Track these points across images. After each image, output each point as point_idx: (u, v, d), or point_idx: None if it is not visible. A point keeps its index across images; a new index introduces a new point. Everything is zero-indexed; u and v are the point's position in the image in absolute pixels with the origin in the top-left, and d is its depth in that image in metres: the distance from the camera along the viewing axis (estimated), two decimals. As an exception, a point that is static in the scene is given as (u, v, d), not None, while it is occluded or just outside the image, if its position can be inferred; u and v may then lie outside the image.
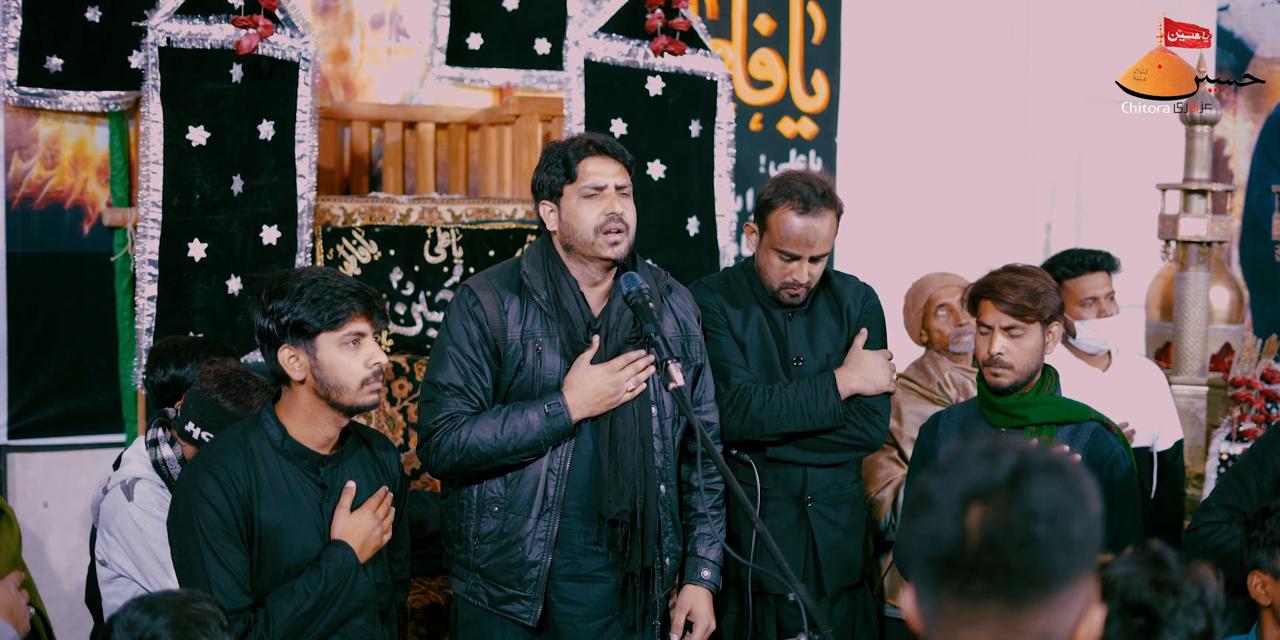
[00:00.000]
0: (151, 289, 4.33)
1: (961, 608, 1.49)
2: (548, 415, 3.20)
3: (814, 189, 3.53)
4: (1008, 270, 3.48)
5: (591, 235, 3.27)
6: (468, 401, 3.25)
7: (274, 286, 2.87)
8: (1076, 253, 4.50)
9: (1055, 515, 1.47)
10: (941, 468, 1.53)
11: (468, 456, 3.21)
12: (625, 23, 4.82)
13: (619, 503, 3.24)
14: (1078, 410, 3.48)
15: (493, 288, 3.32)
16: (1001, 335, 3.41)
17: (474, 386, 3.26)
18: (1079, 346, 4.43)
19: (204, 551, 2.79)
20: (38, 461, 4.85)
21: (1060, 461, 1.51)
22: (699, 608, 3.41)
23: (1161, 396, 4.55)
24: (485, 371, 3.28)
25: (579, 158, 3.30)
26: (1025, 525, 1.46)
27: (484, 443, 3.20)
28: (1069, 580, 1.49)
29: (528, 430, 3.20)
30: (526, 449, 3.22)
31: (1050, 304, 3.42)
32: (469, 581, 3.33)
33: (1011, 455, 1.50)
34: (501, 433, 3.19)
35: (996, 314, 3.41)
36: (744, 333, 3.66)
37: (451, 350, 3.27)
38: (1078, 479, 1.51)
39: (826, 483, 3.66)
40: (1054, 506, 1.48)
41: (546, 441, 3.23)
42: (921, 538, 1.51)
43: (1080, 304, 4.39)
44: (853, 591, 3.76)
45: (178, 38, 4.26)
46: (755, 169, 6.11)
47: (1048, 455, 1.51)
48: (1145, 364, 4.66)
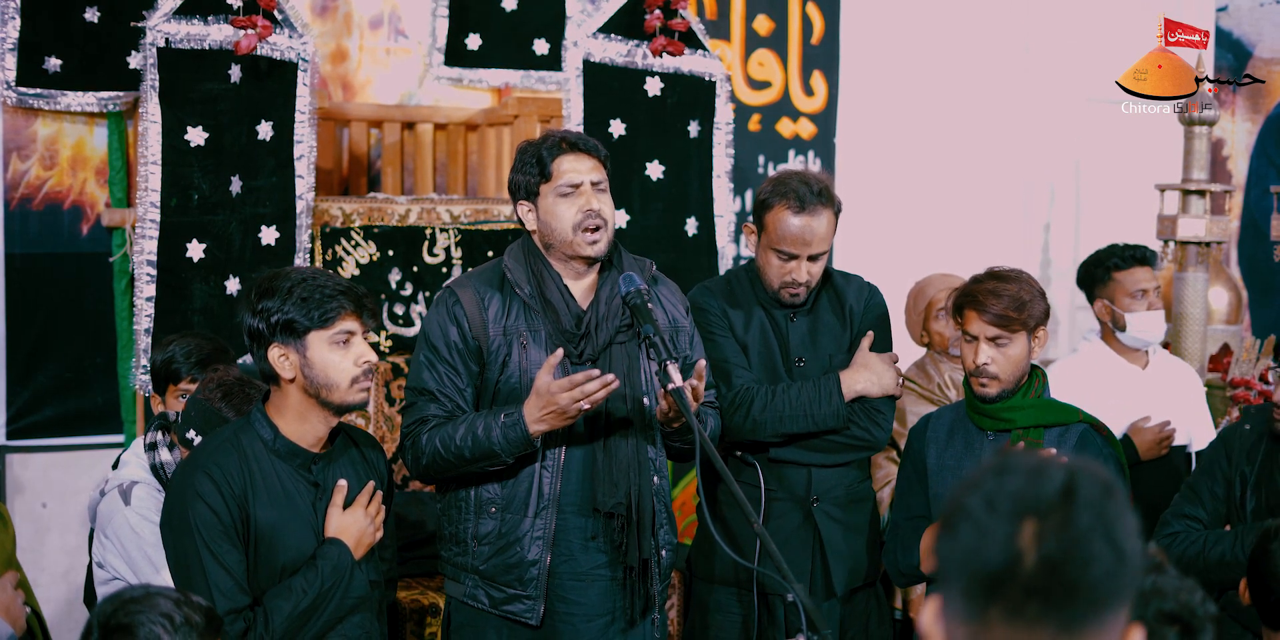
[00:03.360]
0: (150, 289, 4.33)
1: (1014, 630, 1.40)
2: (504, 425, 3.13)
3: (810, 188, 3.53)
4: (991, 277, 3.40)
5: (570, 233, 3.26)
6: (440, 406, 3.24)
7: (263, 286, 2.88)
8: (1125, 247, 4.51)
9: (1113, 533, 1.39)
10: (977, 482, 1.44)
11: (434, 461, 3.21)
12: (624, 23, 4.82)
13: (614, 495, 3.23)
14: (1065, 412, 3.45)
15: (473, 287, 3.31)
16: (987, 345, 3.35)
17: (448, 390, 3.25)
18: (1125, 341, 4.42)
19: (201, 552, 2.79)
20: (36, 462, 4.85)
21: (1109, 477, 1.44)
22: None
23: (1197, 397, 4.56)
24: (461, 374, 3.26)
25: (553, 156, 3.28)
26: (1086, 544, 1.38)
27: (447, 449, 3.18)
28: (1123, 600, 1.41)
29: (487, 437, 3.14)
30: (484, 458, 3.17)
31: (1035, 311, 3.37)
32: (467, 584, 3.31)
33: (1061, 471, 1.42)
34: (463, 440, 3.16)
35: (981, 324, 3.35)
36: (746, 334, 3.65)
37: (427, 354, 3.27)
38: (1124, 494, 1.44)
39: (832, 483, 3.65)
40: (1110, 524, 1.40)
41: (503, 451, 3.15)
42: (965, 554, 1.41)
43: (1131, 296, 4.39)
44: (864, 592, 3.74)
45: (176, 38, 4.26)
46: (754, 169, 6.10)
47: (1096, 470, 1.44)
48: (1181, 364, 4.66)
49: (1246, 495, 3.52)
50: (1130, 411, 4.38)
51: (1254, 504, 3.51)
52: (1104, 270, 4.44)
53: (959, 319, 3.42)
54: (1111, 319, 4.42)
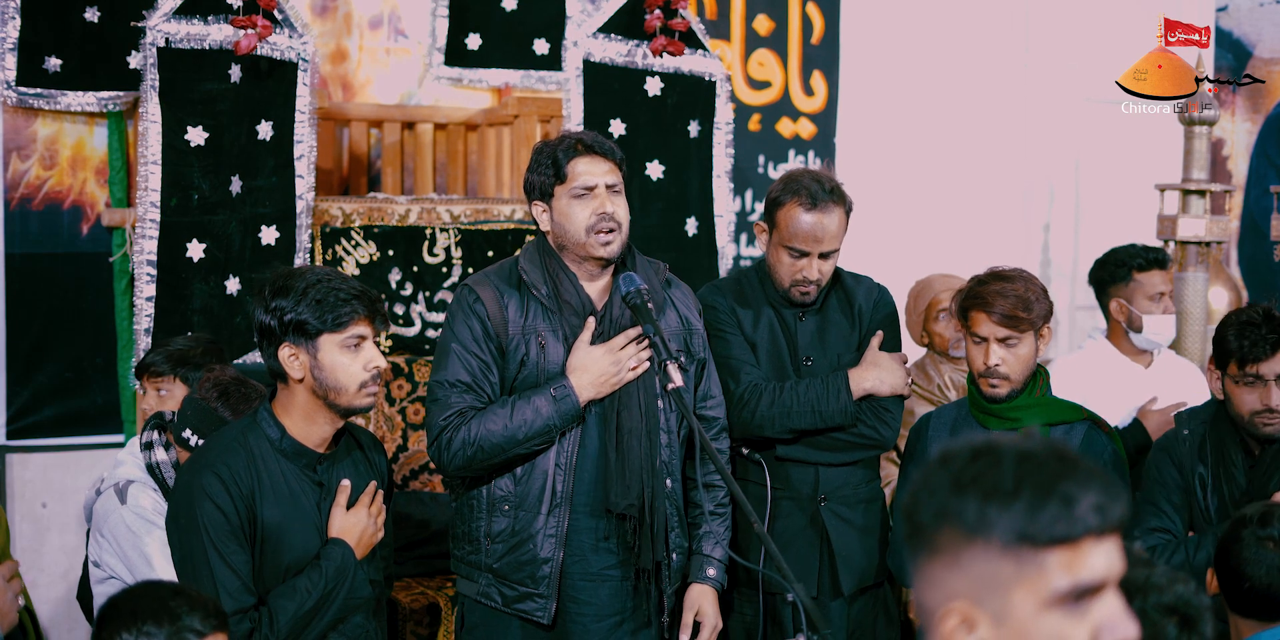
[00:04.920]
0: (150, 289, 4.32)
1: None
2: (554, 399, 3.20)
3: (822, 185, 3.54)
4: (995, 278, 3.40)
5: (584, 235, 3.27)
6: (477, 397, 3.25)
7: (278, 284, 2.88)
8: (1146, 248, 4.50)
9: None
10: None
11: (480, 450, 3.20)
12: (624, 23, 4.82)
13: (626, 497, 3.24)
14: (1070, 410, 3.46)
15: (492, 284, 3.32)
16: (997, 346, 3.35)
17: (481, 382, 3.26)
18: (1139, 342, 4.41)
19: (208, 551, 2.80)
20: (36, 462, 4.84)
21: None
22: (706, 606, 3.40)
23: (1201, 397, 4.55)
24: (492, 367, 3.27)
25: (569, 158, 3.30)
26: None
27: (494, 434, 3.19)
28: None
29: (536, 416, 3.19)
30: (538, 435, 3.21)
31: (1041, 310, 3.37)
32: (480, 582, 3.32)
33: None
34: (511, 422, 3.19)
35: (990, 326, 3.35)
36: (754, 333, 3.65)
37: (456, 347, 3.27)
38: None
39: (839, 482, 3.64)
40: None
41: (556, 426, 3.22)
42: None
43: (1150, 298, 4.38)
44: (871, 592, 3.72)
45: (176, 38, 4.26)
46: (754, 169, 6.10)
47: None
48: (1186, 364, 4.66)
49: (1208, 497, 3.55)
50: (1133, 410, 4.39)
51: (1216, 503, 3.55)
52: (1126, 270, 4.43)
53: (964, 321, 3.41)
54: (1128, 319, 4.42)
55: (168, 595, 2.29)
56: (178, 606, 2.25)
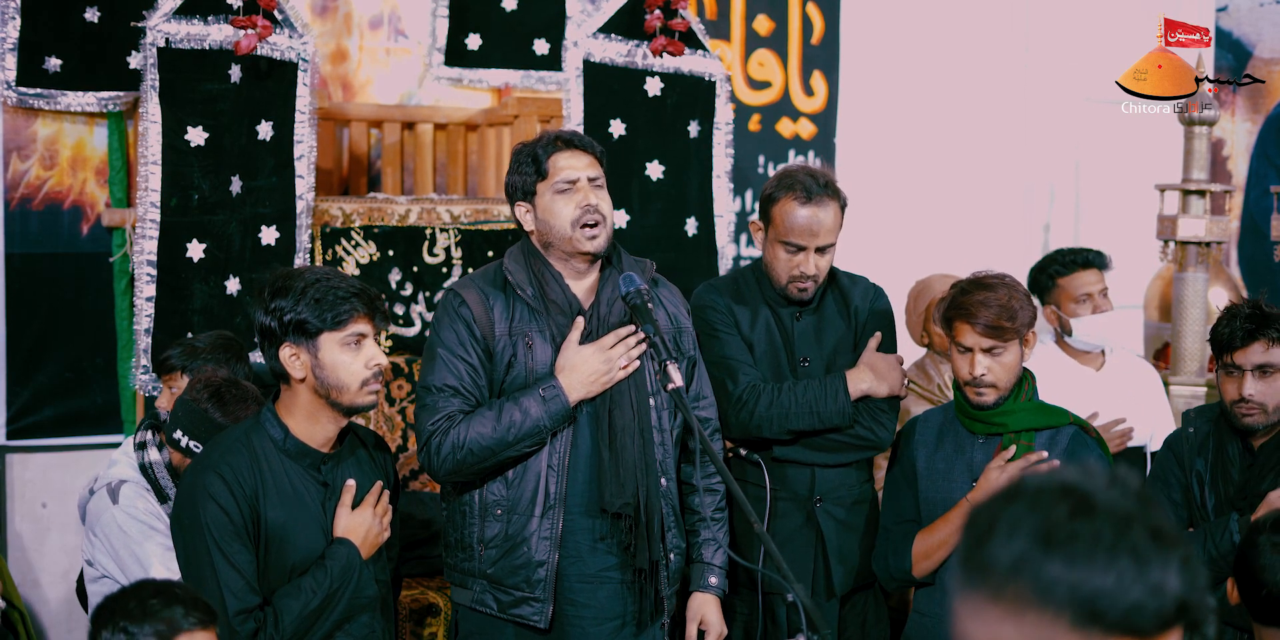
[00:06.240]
0: (150, 289, 4.33)
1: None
2: (544, 400, 3.18)
3: (816, 180, 3.55)
4: (977, 287, 3.36)
5: (569, 230, 3.27)
6: (465, 401, 3.24)
7: (277, 284, 2.88)
8: (1067, 251, 4.53)
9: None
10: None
11: (469, 453, 3.18)
12: (624, 23, 4.82)
13: (621, 495, 3.23)
14: (1056, 415, 3.44)
15: (477, 287, 3.32)
16: (982, 355, 3.33)
17: (469, 386, 3.25)
18: (1073, 344, 4.43)
19: (213, 552, 2.80)
20: (36, 462, 4.85)
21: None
22: (709, 615, 3.40)
23: (1156, 397, 4.55)
24: (479, 370, 3.26)
25: (549, 154, 3.30)
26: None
27: (483, 436, 3.17)
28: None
29: (525, 417, 3.17)
30: (528, 436, 3.19)
31: (1025, 318, 3.35)
32: (475, 589, 3.30)
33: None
34: (500, 424, 3.17)
35: (974, 336, 3.33)
36: (751, 332, 3.66)
37: (443, 352, 3.26)
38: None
39: (835, 483, 3.65)
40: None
41: (546, 427, 3.20)
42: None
43: (1075, 301, 4.40)
44: (864, 592, 3.73)
45: (176, 38, 4.26)
46: (754, 169, 6.10)
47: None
48: (1140, 364, 4.66)
49: (1205, 493, 3.58)
50: (1083, 414, 4.38)
51: (1214, 500, 3.57)
52: (1047, 277, 4.47)
53: (948, 331, 3.40)
54: (1059, 324, 4.43)
55: (149, 594, 2.33)
56: (157, 604, 2.30)
